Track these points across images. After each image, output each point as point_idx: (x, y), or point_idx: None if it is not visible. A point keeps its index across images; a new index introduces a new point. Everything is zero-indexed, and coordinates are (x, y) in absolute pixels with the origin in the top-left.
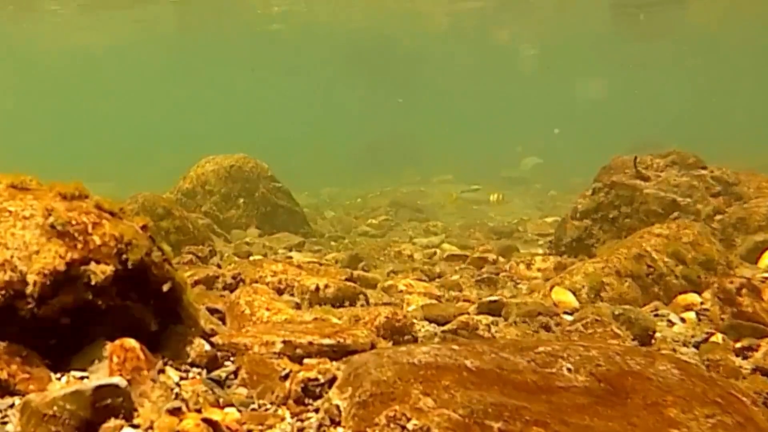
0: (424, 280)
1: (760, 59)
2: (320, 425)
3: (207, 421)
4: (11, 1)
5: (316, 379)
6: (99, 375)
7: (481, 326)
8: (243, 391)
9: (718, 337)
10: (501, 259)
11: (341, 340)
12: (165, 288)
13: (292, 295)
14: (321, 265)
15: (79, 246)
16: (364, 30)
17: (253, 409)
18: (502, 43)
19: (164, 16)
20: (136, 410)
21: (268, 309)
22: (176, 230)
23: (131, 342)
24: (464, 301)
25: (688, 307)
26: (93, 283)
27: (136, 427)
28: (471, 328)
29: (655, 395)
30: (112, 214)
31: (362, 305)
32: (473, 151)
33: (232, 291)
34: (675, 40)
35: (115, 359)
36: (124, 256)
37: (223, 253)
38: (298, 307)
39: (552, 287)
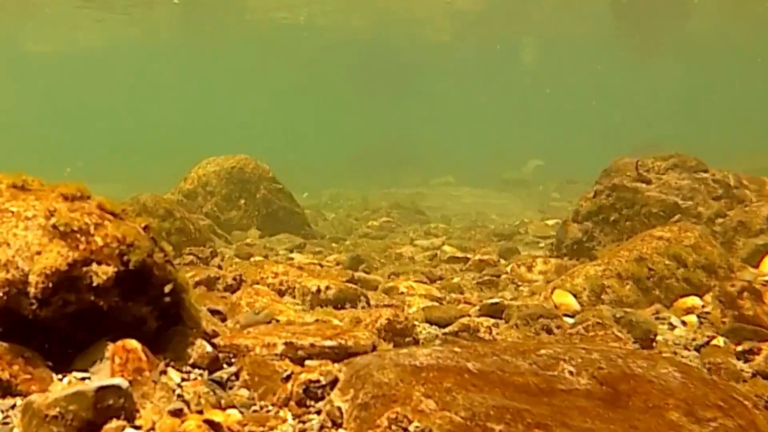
0: (425, 282)
1: (761, 62)
2: (322, 427)
3: (208, 422)
4: (13, 1)
5: (318, 381)
6: (101, 376)
7: (483, 328)
8: (244, 392)
9: (720, 341)
10: (502, 261)
11: (343, 342)
12: (167, 289)
13: (294, 296)
14: (322, 266)
15: (81, 247)
16: (366, 33)
17: (255, 411)
18: (503, 44)
19: (167, 18)
20: (137, 411)
21: None
22: (177, 231)
23: (133, 343)
24: (465, 303)
25: (689, 310)
26: (95, 283)
27: (137, 428)
28: (472, 331)
29: (657, 398)
30: (114, 214)
31: (363, 307)
32: (474, 153)
33: (233, 292)
34: (676, 40)
35: (116, 360)
36: (126, 257)
37: (224, 254)
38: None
39: (553, 290)
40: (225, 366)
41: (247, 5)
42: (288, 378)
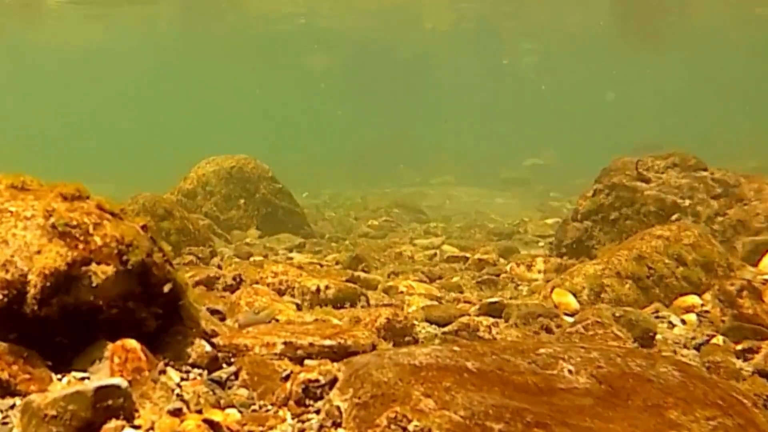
0: (425, 282)
1: (760, 60)
2: (321, 426)
3: (208, 422)
4: (12, 1)
5: (317, 380)
6: (100, 376)
7: (482, 328)
8: (244, 392)
9: (719, 339)
10: (501, 260)
11: (342, 342)
12: (166, 289)
13: (293, 296)
14: (321, 266)
15: (80, 246)
16: (366, 31)
17: (254, 410)
18: (503, 42)
19: (166, 16)
20: (137, 411)
21: None
22: (177, 231)
23: (132, 343)
24: (465, 302)
25: (688, 309)
26: (94, 283)
27: (137, 428)
28: (472, 330)
29: (656, 397)
30: (113, 214)
31: (363, 306)
32: (473, 152)
33: (232, 292)
34: (676, 43)
35: (116, 360)
36: (125, 257)
37: (224, 253)
38: (298, 308)
39: (552, 289)
40: (224, 365)
41: (247, 3)
42: (287, 377)
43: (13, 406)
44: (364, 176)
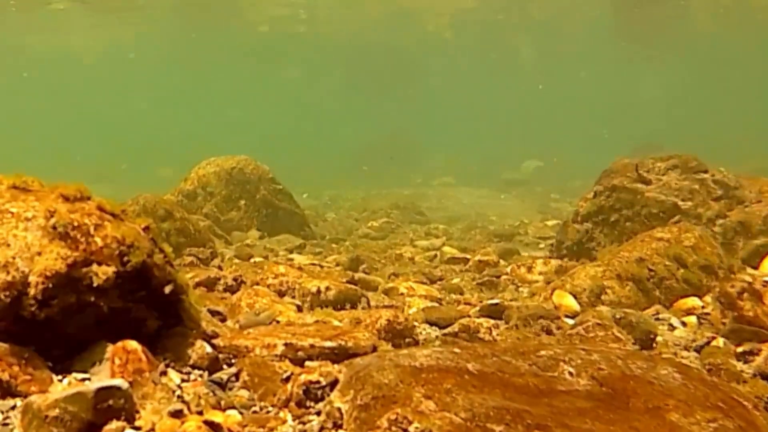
0: (425, 283)
1: (761, 61)
2: (322, 428)
3: (208, 423)
4: (13, 2)
5: (318, 382)
6: (101, 377)
7: (482, 329)
8: (244, 393)
9: (720, 341)
10: (502, 262)
11: (343, 343)
12: (167, 290)
13: (294, 297)
14: (322, 267)
15: (81, 247)
16: (366, 32)
17: (255, 412)
18: (502, 43)
19: (166, 18)
20: (137, 412)
21: None
22: (177, 232)
23: (133, 344)
24: (465, 304)
25: (689, 311)
26: (95, 284)
27: (137, 429)
28: (472, 331)
29: (657, 399)
30: (113, 215)
31: (363, 308)
32: (474, 153)
33: (233, 293)
34: (676, 41)
35: (116, 361)
36: (126, 258)
37: (224, 254)
38: (299, 309)
39: (553, 290)
40: (225, 367)
41: (245, 3)
42: (288, 379)
43: (14, 407)
44: (364, 177)
